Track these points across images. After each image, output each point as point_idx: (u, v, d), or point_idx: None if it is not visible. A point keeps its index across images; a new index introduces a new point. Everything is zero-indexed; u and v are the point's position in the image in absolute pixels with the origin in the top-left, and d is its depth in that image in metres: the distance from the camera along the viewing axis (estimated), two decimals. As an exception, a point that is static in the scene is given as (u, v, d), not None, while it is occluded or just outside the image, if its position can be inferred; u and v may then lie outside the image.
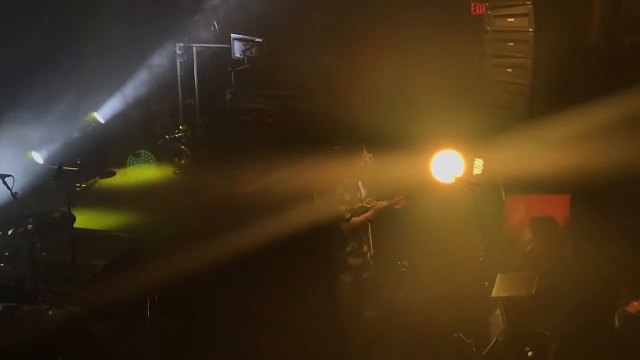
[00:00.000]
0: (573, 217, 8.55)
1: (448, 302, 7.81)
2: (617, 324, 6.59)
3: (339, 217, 7.24)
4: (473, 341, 7.16)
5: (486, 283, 7.34)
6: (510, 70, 10.91)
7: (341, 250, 7.42)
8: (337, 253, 7.47)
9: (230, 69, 12.36)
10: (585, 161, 8.42)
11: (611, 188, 8.51)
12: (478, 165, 9.12)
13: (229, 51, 12.34)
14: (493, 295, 7.11)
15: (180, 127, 12.52)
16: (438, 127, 9.54)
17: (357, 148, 7.38)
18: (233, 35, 12.31)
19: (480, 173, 9.05)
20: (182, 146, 12.33)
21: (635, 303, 6.62)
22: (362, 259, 7.46)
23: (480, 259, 7.83)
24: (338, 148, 9.64)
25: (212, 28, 12.68)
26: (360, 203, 7.32)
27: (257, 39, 12.31)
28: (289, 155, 10.64)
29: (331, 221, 7.36)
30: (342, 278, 7.49)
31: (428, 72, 10.62)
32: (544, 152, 8.98)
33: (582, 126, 8.90)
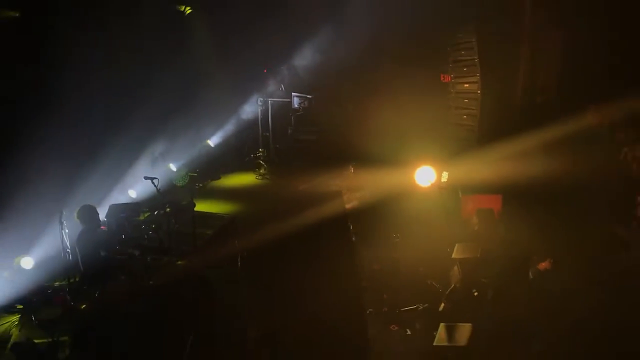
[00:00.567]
0: (504, 209, 8.51)
1: (425, 261, 7.69)
2: (531, 277, 6.69)
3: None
4: (440, 285, 7.12)
5: (448, 249, 7.48)
6: (465, 116, 10.88)
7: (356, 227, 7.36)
8: (354, 229, 7.40)
9: (291, 114, 12.35)
10: (512, 173, 8.40)
11: (529, 190, 8.34)
12: (445, 175, 9.27)
13: (290, 103, 12.28)
14: (453, 256, 7.23)
15: (260, 150, 12.29)
16: (419, 151, 9.47)
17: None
18: (293, 93, 12.25)
19: (446, 180, 9.22)
20: (261, 162, 12.11)
21: (542, 264, 6.71)
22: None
23: (445, 234, 7.99)
24: (355, 164, 9.87)
25: (280, 88, 12.57)
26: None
27: (308, 96, 12.28)
28: (325, 167, 10.46)
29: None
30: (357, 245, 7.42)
31: (413, 116, 10.43)
32: (486, 167, 8.84)
33: (510, 151, 8.86)
